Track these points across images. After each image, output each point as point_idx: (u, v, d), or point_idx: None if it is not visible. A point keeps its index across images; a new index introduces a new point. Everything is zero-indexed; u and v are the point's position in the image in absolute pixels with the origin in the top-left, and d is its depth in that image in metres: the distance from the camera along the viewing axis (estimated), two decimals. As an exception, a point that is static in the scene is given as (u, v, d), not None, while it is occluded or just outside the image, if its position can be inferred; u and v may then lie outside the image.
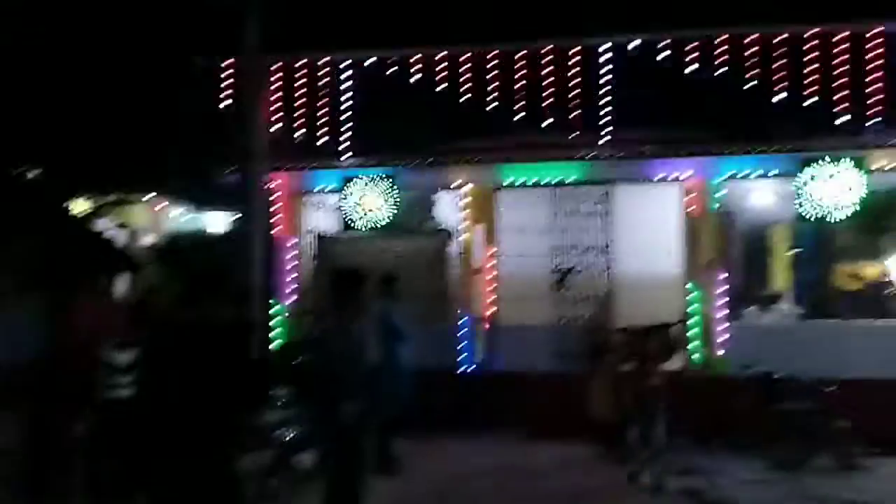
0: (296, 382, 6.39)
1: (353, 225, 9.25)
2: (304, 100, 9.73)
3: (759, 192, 8.71)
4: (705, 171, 8.50)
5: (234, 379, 3.20)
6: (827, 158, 8.00)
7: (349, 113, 9.71)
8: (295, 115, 9.73)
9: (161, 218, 12.50)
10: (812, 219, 8.19)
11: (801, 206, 8.14)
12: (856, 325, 8.30)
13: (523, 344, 8.71)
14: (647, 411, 6.29)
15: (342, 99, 9.73)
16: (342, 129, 9.76)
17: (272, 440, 5.53)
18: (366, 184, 9.14)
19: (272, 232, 9.48)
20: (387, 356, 6.96)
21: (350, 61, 9.64)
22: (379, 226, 9.15)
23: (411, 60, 9.51)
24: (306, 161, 9.61)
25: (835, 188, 7.99)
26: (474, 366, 8.92)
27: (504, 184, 9.08)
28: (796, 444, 6.94)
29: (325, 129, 9.75)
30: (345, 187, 9.23)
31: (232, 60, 9.31)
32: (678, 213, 8.74)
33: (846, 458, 6.86)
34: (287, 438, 5.69)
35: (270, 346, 9.05)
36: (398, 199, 9.09)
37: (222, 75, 9.72)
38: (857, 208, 7.97)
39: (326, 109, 9.74)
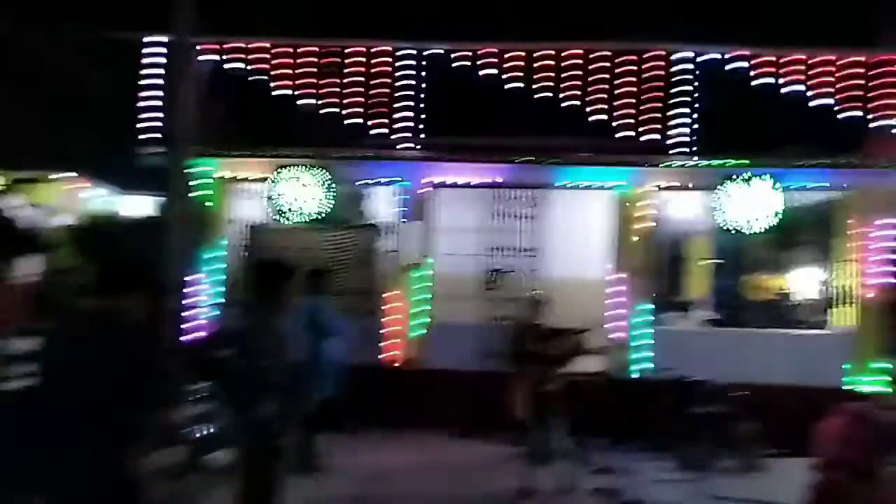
0: (215, 377, 6.21)
1: (284, 216, 9.05)
2: (237, 85, 9.43)
3: (682, 203, 9.06)
4: (632, 181, 8.78)
5: (137, 375, 3.08)
6: (746, 174, 8.42)
7: (284, 102, 9.50)
8: (227, 100, 9.42)
9: (77, 199, 11.87)
10: (729, 231, 8.61)
11: (720, 218, 8.54)
12: (762, 334, 8.78)
13: (453, 342, 8.77)
14: (544, 416, 6.32)
15: (276, 87, 9.50)
16: (276, 118, 9.54)
17: (185, 437, 5.33)
18: (299, 175, 8.95)
19: (198, 219, 9.15)
20: (313, 351, 6.86)
21: (290, 48, 9.42)
22: (310, 218, 8.99)
23: (354, 52, 9.38)
24: (238, 148, 9.33)
25: (752, 203, 8.42)
26: (406, 362, 8.89)
27: (440, 182, 9.09)
28: (706, 446, 7.30)
29: (259, 117, 9.51)
30: (277, 177, 9.01)
31: (163, 38, 8.89)
32: (606, 220, 8.99)
33: (750, 459, 7.27)
34: (202, 435, 5.50)
35: (190, 339, 8.75)
36: (331, 192, 8.96)
37: (150, 52, 9.26)
38: (772, 223, 8.42)
39: (258, 97, 9.49)
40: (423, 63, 9.25)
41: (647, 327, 8.70)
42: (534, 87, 9.11)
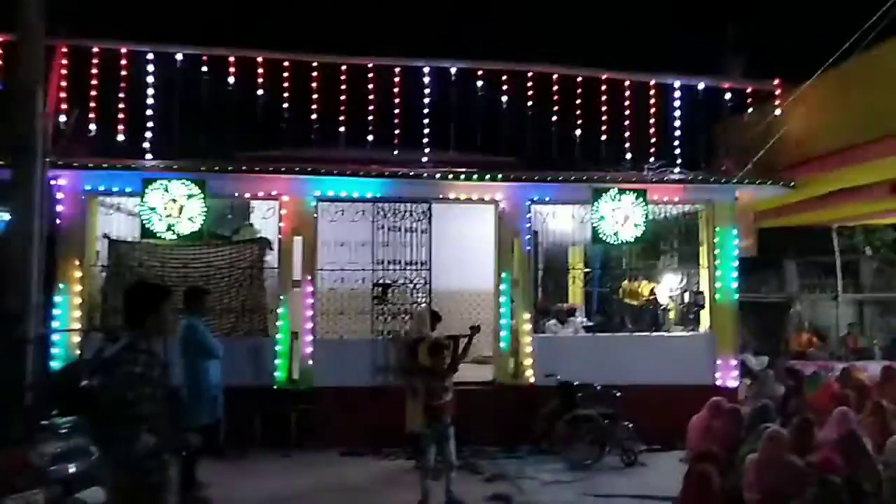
0: (81, 409, 5.65)
1: (153, 231, 8.44)
2: (99, 92, 8.73)
3: (560, 216, 9.52)
4: (516, 195, 9.10)
5: None
6: (615, 190, 9.01)
7: (152, 111, 8.92)
8: (89, 108, 8.68)
9: None
10: (603, 241, 9.15)
11: (594, 230, 9.06)
12: (635, 337, 9.40)
13: (342, 358, 8.58)
14: (436, 427, 6.29)
15: (144, 95, 8.90)
16: (144, 128, 8.92)
17: (50, 476, 4.79)
18: (169, 188, 8.40)
19: (54, 236, 8.32)
20: (193, 375, 6.47)
21: (155, 55, 8.86)
22: (184, 233, 8.46)
23: (228, 61, 9.00)
24: (100, 159, 8.60)
25: (621, 216, 9.02)
26: (291, 381, 8.57)
27: (324, 196, 8.91)
28: (589, 446, 7.66)
29: (125, 125, 8.85)
30: (145, 190, 8.40)
31: (8, 37, 8.03)
32: (491, 232, 9.24)
33: (630, 455, 7.72)
34: (68, 473, 4.97)
35: (51, 369, 7.89)
36: (206, 206, 8.49)
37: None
38: (639, 234, 9.06)
39: (127, 105, 8.84)
40: (308, 74, 9.07)
41: (530, 335, 9.00)
42: (419, 101, 9.22)
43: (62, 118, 8.44)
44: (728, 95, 9.86)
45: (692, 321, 9.56)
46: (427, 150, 9.42)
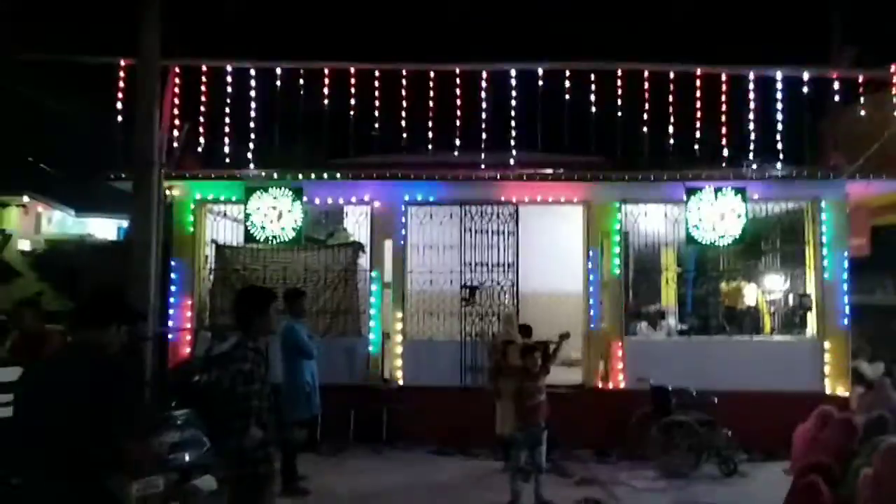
0: (195, 403, 6.07)
1: (255, 237, 8.95)
2: (207, 108, 9.34)
3: (652, 216, 9.26)
4: (605, 195, 8.95)
5: (116, 406, 3.03)
6: (709, 188, 8.67)
7: (253, 123, 9.44)
8: (198, 122, 9.32)
9: (40, 222, 11.56)
10: (697, 242, 8.83)
11: (687, 230, 8.76)
12: (734, 341, 8.99)
13: (432, 359, 8.75)
14: (527, 429, 6.32)
15: (247, 108, 9.44)
16: (247, 139, 9.46)
17: (168, 464, 5.19)
18: (270, 195, 8.88)
19: (169, 243, 9.00)
20: (291, 374, 6.78)
21: (255, 70, 9.38)
22: (284, 238, 8.92)
23: (322, 73, 9.40)
24: (208, 170, 9.22)
25: (717, 215, 8.67)
26: (384, 381, 8.84)
27: (412, 200, 9.12)
28: (685, 453, 7.41)
29: (230, 138, 9.43)
30: (248, 198, 8.92)
31: (130, 62, 8.76)
32: (580, 233, 9.13)
33: (729, 464, 7.40)
34: (184, 462, 5.37)
35: (168, 365, 8.54)
36: (303, 212, 8.92)
37: (119, 77, 9.10)
38: (737, 234, 8.67)
39: (230, 119, 9.42)
40: (397, 82, 9.32)
41: (620, 338, 8.82)
42: (506, 103, 9.25)
43: (175, 133, 9.10)
44: (836, 86, 9.25)
45: (797, 325, 9.04)
46: (514, 152, 9.45)
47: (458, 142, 9.42)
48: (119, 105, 8.99)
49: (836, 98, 9.28)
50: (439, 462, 7.94)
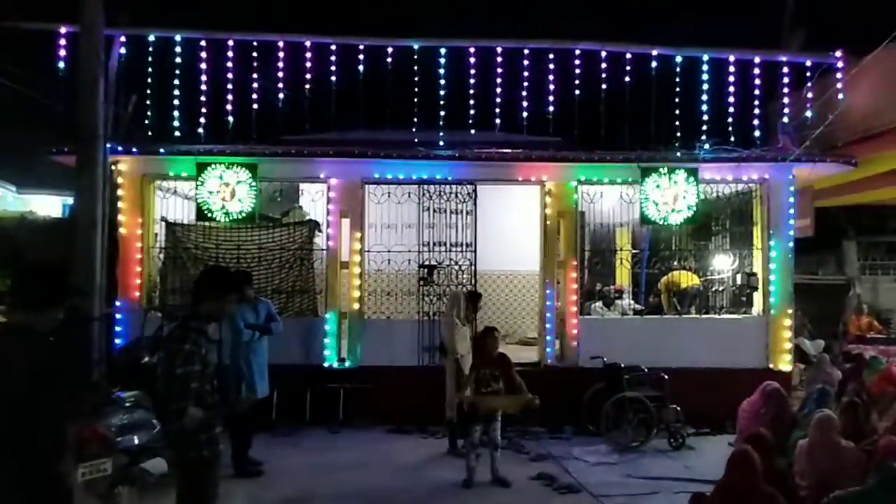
0: (141, 384, 5.93)
1: (208, 214, 8.72)
2: (156, 80, 9.00)
3: (607, 196, 9.38)
4: (562, 175, 9.02)
5: (58, 387, 2.94)
6: (663, 169, 8.82)
7: (205, 97, 9.15)
8: (146, 95, 8.98)
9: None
10: (651, 222, 9.00)
11: (642, 210, 8.91)
12: (684, 320, 9.22)
13: (389, 338, 8.73)
14: (483, 411, 6.37)
15: (198, 81, 9.14)
16: (198, 113, 9.18)
17: (117, 446, 5.06)
18: (222, 171, 8.66)
19: (115, 220, 8.70)
20: (243, 354, 6.69)
21: (206, 42, 9.07)
22: (237, 216, 8.72)
23: (277, 46, 9.16)
24: (157, 144, 8.92)
25: (670, 196, 8.84)
26: (340, 360, 8.78)
27: (370, 178, 9.02)
28: (636, 428, 7.62)
29: (180, 111, 9.12)
30: (200, 174, 8.67)
31: (73, 28, 8.35)
32: (537, 214, 9.19)
33: (677, 438, 7.64)
34: (133, 444, 5.25)
35: (115, 346, 8.30)
36: (257, 189, 8.73)
37: (60, 45, 8.68)
38: (689, 214, 8.87)
39: (181, 92, 9.11)
40: (354, 57, 9.15)
41: (576, 317, 8.95)
42: (465, 82, 9.20)
43: (121, 106, 8.75)
44: (786, 70, 9.49)
45: (744, 303, 9.33)
46: (472, 132, 9.41)
47: (416, 120, 9.35)
48: (61, 75, 8.59)
49: (786, 81, 9.53)
50: (396, 441, 7.96)
